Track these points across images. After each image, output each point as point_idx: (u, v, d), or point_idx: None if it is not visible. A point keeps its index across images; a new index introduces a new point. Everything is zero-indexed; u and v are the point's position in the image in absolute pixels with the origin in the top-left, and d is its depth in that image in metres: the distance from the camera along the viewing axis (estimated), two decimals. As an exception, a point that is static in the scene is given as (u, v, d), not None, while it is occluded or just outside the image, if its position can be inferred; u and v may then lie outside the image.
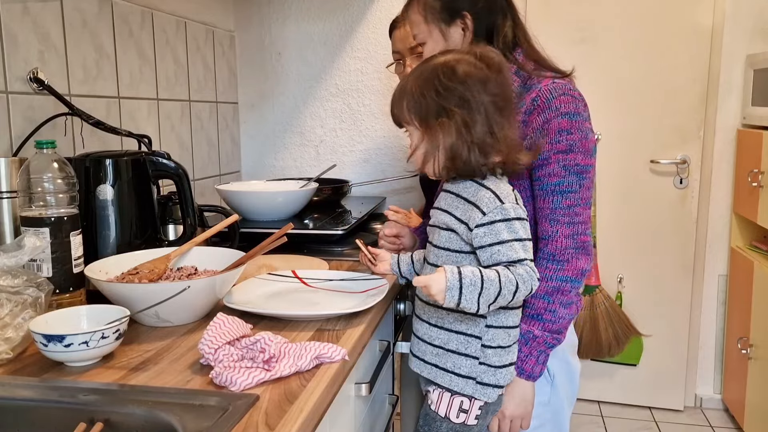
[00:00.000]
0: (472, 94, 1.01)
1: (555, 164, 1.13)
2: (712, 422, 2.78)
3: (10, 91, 1.29)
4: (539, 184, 1.15)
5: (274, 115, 2.44)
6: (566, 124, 1.12)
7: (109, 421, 0.77)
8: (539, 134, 1.13)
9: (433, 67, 1.04)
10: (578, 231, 1.14)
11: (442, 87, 1.01)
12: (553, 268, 1.13)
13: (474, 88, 1.01)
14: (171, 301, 1.02)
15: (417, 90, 1.03)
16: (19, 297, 0.96)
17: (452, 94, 1.01)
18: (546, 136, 1.13)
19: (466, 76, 1.01)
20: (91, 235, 1.22)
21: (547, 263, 1.14)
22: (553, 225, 1.14)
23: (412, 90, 1.04)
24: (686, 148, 2.68)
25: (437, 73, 1.03)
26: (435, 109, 1.02)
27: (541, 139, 1.13)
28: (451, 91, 1.01)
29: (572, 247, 1.13)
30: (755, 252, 2.56)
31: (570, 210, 1.13)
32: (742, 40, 2.56)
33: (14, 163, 1.17)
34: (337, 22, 2.37)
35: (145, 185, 1.27)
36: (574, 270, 1.13)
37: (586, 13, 2.63)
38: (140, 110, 1.76)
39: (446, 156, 1.03)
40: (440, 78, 1.02)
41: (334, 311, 1.11)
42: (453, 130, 1.01)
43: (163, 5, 1.86)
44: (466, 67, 1.02)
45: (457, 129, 1.01)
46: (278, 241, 1.21)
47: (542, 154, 1.13)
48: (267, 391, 0.84)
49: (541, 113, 1.14)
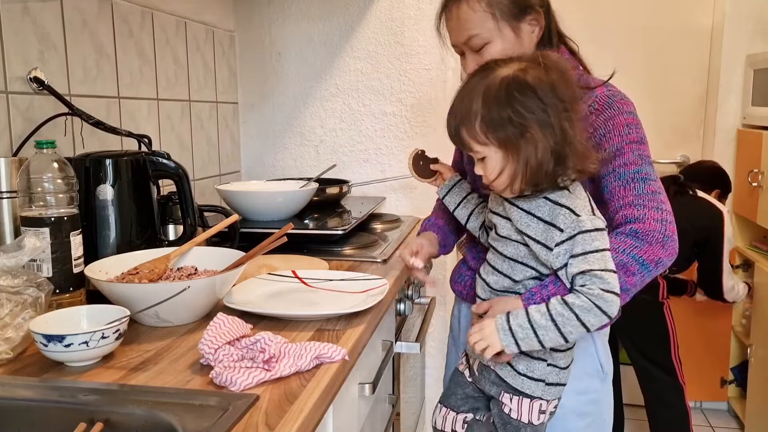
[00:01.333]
0: (547, 104, 0.96)
1: (630, 153, 1.09)
2: (713, 422, 2.78)
3: (10, 91, 1.29)
4: (615, 175, 1.10)
5: (274, 115, 2.44)
6: (632, 120, 1.11)
7: (109, 421, 0.77)
8: (602, 132, 1.11)
9: (501, 82, 0.99)
10: (667, 219, 1.07)
11: (518, 103, 0.96)
12: (630, 244, 1.05)
13: (547, 97, 0.97)
14: (171, 301, 1.02)
15: (490, 110, 0.98)
16: (19, 297, 0.96)
17: (529, 109, 0.96)
18: (613, 130, 1.10)
19: (538, 87, 0.97)
20: (91, 235, 1.22)
21: (626, 237, 1.05)
22: (641, 209, 1.07)
23: (485, 110, 0.99)
24: (686, 148, 2.69)
25: (510, 90, 0.97)
26: (517, 128, 0.97)
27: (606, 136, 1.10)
28: (527, 106, 0.96)
29: (660, 232, 1.05)
30: (755, 252, 2.56)
31: (655, 196, 1.08)
32: (742, 40, 2.56)
33: (14, 163, 1.17)
34: (337, 22, 2.36)
35: (145, 185, 1.27)
36: (652, 255, 1.04)
37: (586, 13, 2.63)
38: (140, 110, 1.76)
39: (533, 172, 0.99)
40: (515, 94, 0.97)
41: (334, 311, 1.11)
42: (539, 146, 0.97)
43: (163, 5, 1.86)
44: (536, 76, 0.97)
45: (543, 143, 0.97)
46: (278, 241, 1.21)
47: (613, 146, 1.09)
48: (267, 391, 0.84)
49: (602, 113, 1.11)
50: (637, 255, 1.04)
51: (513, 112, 0.97)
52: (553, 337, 0.98)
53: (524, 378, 1.06)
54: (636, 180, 1.08)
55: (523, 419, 1.07)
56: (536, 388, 1.06)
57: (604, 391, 1.25)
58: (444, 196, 1.27)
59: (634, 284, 1.04)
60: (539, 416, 1.07)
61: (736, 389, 2.79)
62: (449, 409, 1.19)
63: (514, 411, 1.07)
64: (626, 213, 1.08)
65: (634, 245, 1.04)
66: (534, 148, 0.97)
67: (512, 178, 1.00)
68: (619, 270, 1.01)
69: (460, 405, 1.18)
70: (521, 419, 1.07)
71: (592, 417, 1.22)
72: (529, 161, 0.98)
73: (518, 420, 1.07)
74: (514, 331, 0.98)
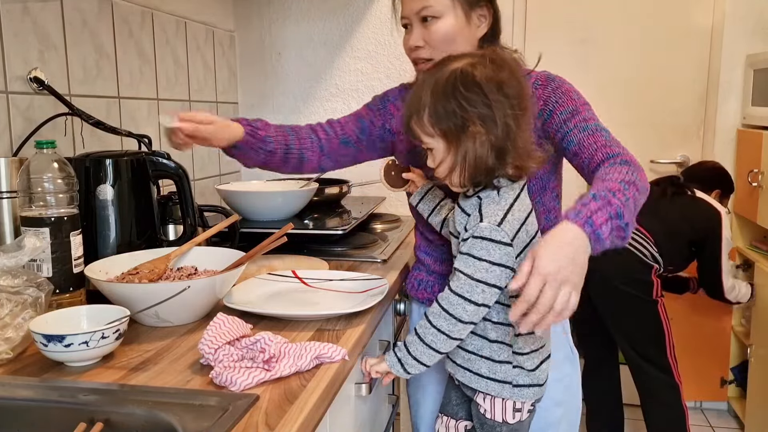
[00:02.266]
0: (492, 101, 0.97)
1: (585, 112, 1.12)
2: (712, 422, 2.78)
3: (10, 91, 1.29)
4: (579, 129, 1.10)
5: (274, 115, 2.44)
6: (576, 90, 1.15)
7: (109, 421, 0.77)
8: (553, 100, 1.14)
9: (450, 75, 1.00)
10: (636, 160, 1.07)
11: (463, 98, 0.98)
12: (629, 170, 1.02)
13: (492, 93, 0.98)
14: (171, 301, 1.02)
15: (437, 102, 1.00)
16: (19, 297, 0.96)
17: (474, 104, 0.98)
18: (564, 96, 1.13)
19: (486, 83, 0.98)
20: (91, 235, 1.22)
21: (621, 166, 1.03)
22: (616, 148, 1.07)
23: (432, 103, 1.00)
24: (686, 148, 2.68)
25: (456, 83, 0.99)
26: (459, 121, 0.99)
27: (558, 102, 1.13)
28: (472, 101, 0.98)
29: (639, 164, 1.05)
30: (755, 252, 2.56)
31: (620, 143, 1.09)
32: (742, 40, 2.56)
33: (14, 163, 1.17)
34: (337, 22, 2.36)
35: (145, 185, 1.27)
36: (644, 179, 1.03)
37: (586, 13, 2.63)
38: (140, 110, 1.76)
39: (471, 165, 1.00)
40: (460, 89, 0.98)
41: (334, 311, 1.11)
42: (477, 140, 0.98)
43: (163, 5, 1.86)
44: (484, 73, 0.98)
45: (481, 138, 0.98)
46: (278, 241, 1.21)
47: (568, 108, 1.12)
48: (267, 391, 0.84)
49: (547, 86, 1.16)
50: (639, 178, 1.02)
51: (457, 105, 0.98)
52: (422, 349, 1.02)
53: (488, 381, 1.06)
54: (599, 130, 1.10)
55: (497, 419, 1.07)
56: (502, 390, 1.05)
57: (575, 375, 1.29)
58: (417, 203, 1.26)
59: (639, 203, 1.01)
60: (514, 415, 1.07)
61: (736, 389, 2.79)
62: (449, 417, 1.19)
63: (488, 411, 1.08)
64: (606, 152, 1.07)
65: (632, 170, 1.02)
66: (473, 142, 0.99)
67: (450, 170, 1.02)
68: (633, 188, 0.98)
69: (457, 411, 1.18)
70: (495, 419, 1.07)
71: (566, 404, 1.25)
72: (468, 154, 0.99)
73: (493, 420, 1.07)
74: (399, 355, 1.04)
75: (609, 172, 1.01)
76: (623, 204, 0.95)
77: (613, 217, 0.93)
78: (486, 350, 1.05)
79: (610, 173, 1.00)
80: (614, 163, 1.04)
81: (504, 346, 1.04)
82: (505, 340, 1.04)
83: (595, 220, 0.92)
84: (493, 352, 1.05)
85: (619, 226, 0.94)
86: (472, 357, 1.06)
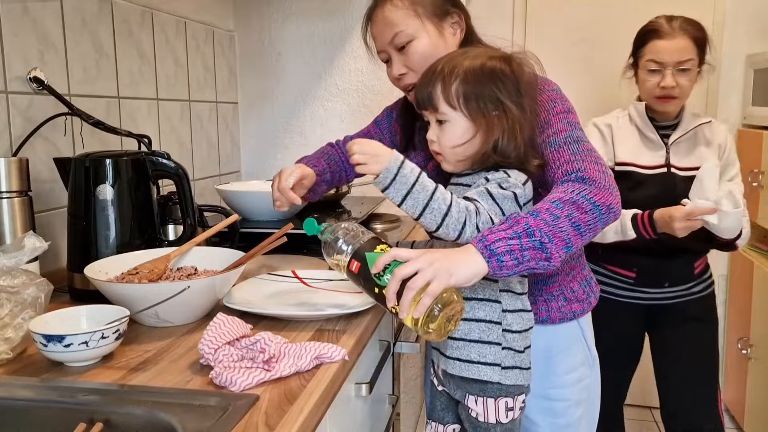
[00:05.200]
0: (522, 92, 1.00)
1: (557, 123, 1.09)
2: (712, 422, 2.78)
3: (10, 91, 1.29)
4: (547, 144, 1.08)
5: (274, 115, 2.44)
6: (556, 96, 1.13)
7: (109, 421, 0.77)
8: None
9: (489, 55, 1.01)
10: (606, 172, 1.03)
11: (501, 80, 0.99)
12: (579, 187, 0.99)
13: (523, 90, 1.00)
14: (171, 301, 1.01)
15: (474, 75, 1.00)
16: (19, 297, 0.96)
17: (509, 90, 0.99)
18: (538, 106, 1.11)
19: (521, 73, 1.00)
20: (91, 235, 1.22)
21: (573, 183, 1.01)
22: (580, 163, 1.04)
23: (467, 74, 1.00)
24: (686, 148, 2.68)
25: (495, 64, 1.00)
26: (492, 101, 0.99)
27: None
28: (508, 86, 0.99)
29: (605, 181, 1.01)
30: (755, 252, 2.56)
31: (591, 153, 1.06)
32: (742, 40, 2.56)
33: (14, 163, 1.17)
34: (337, 22, 2.36)
35: (145, 185, 1.27)
36: (602, 199, 0.98)
37: (585, 13, 2.63)
38: (140, 110, 1.76)
39: (485, 149, 1.01)
40: (501, 69, 0.99)
41: (334, 311, 1.11)
42: (503, 126, 1.00)
43: (163, 5, 1.86)
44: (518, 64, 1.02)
45: (507, 125, 1.00)
46: (278, 241, 1.21)
47: (541, 120, 1.10)
48: (267, 391, 0.84)
49: None
50: (587, 195, 0.98)
51: (495, 86, 1.00)
52: (422, 199, 0.96)
53: (479, 365, 1.04)
54: (569, 143, 1.07)
55: (490, 420, 1.06)
56: (493, 374, 1.04)
57: (594, 375, 1.30)
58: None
59: (587, 223, 0.97)
60: (507, 414, 1.06)
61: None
62: (437, 423, 1.19)
63: (480, 414, 1.06)
64: (567, 168, 1.04)
65: (584, 188, 0.99)
66: (500, 128, 1.00)
67: (469, 150, 1.03)
68: (571, 207, 0.97)
69: (443, 417, 1.18)
70: (489, 420, 1.06)
71: (586, 403, 1.27)
72: (487, 139, 1.01)
73: (486, 422, 1.06)
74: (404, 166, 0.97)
75: (553, 192, 1.02)
76: (544, 223, 0.94)
77: (520, 236, 0.92)
78: (475, 332, 1.04)
79: (553, 193, 1.01)
80: (567, 181, 1.03)
81: (493, 325, 1.04)
82: (494, 318, 1.04)
83: (489, 237, 0.92)
84: (482, 333, 1.04)
85: (532, 246, 0.92)
86: (460, 344, 1.05)
